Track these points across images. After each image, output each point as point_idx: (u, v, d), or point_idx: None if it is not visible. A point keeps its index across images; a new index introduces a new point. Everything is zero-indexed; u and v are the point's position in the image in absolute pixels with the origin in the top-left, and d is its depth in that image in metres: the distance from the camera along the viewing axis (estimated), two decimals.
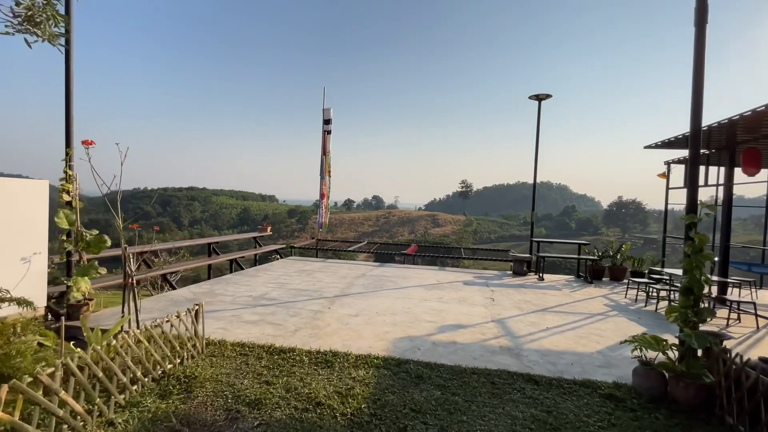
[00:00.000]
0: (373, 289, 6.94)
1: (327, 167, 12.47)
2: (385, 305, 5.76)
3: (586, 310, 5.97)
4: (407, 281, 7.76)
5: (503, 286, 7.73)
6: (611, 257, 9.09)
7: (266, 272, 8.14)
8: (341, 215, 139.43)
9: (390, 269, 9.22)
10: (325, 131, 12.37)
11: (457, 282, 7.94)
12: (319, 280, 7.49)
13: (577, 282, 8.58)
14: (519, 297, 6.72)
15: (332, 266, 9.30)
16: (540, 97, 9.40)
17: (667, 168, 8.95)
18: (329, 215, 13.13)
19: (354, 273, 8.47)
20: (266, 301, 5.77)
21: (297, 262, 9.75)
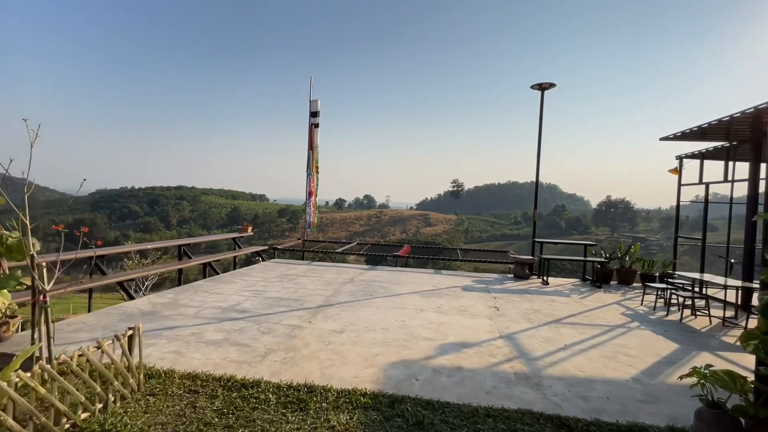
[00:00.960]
0: (363, 296, 6.15)
1: (314, 163, 11.66)
2: (375, 318, 4.98)
3: (603, 321, 5.27)
4: (401, 287, 6.99)
5: (506, 291, 7.01)
6: (619, 259, 8.44)
7: (243, 278, 7.30)
8: (332, 214, 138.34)
9: (381, 272, 8.45)
10: (312, 124, 11.56)
11: (455, 287, 7.20)
12: (301, 287, 6.68)
13: (585, 286, 7.91)
14: (526, 305, 5.99)
15: (318, 270, 8.50)
16: (543, 87, 8.71)
17: (679, 163, 8.32)
18: (318, 214, 12.34)
19: (342, 278, 7.68)
20: (237, 313, 4.95)
21: (280, 265, 8.92)
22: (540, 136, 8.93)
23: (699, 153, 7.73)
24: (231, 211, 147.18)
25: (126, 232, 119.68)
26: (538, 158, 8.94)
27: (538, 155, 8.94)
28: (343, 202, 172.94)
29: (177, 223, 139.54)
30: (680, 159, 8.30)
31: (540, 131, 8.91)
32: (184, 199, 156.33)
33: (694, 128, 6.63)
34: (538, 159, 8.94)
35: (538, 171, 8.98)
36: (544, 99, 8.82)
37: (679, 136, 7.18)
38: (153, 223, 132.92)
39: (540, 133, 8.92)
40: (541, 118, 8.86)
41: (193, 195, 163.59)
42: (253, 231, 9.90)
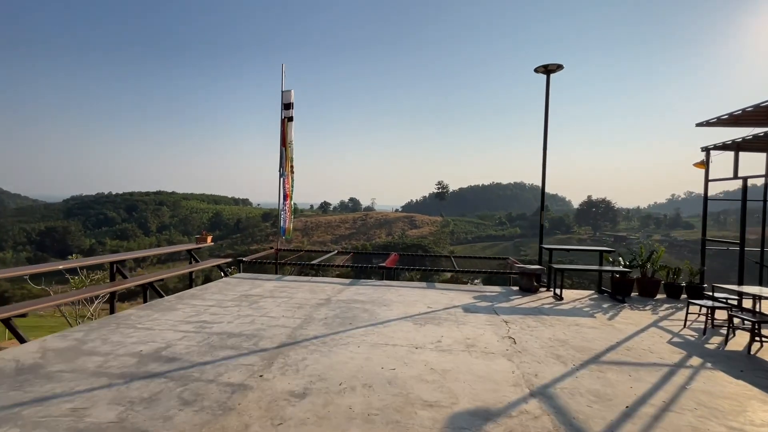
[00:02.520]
0: (339, 327, 4.77)
1: (288, 162, 10.24)
2: (354, 364, 3.61)
3: (655, 357, 4.03)
4: (388, 309, 5.65)
5: (517, 312, 5.74)
6: (640, 267, 7.30)
7: (191, 302, 5.83)
8: (317, 218, 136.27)
9: (365, 288, 7.08)
10: (284, 118, 10.15)
11: (454, 307, 5.89)
12: (263, 314, 5.26)
13: (604, 300, 6.72)
14: (547, 333, 4.72)
15: (289, 287, 7.07)
16: (549, 69, 7.52)
17: (706, 155, 7.24)
18: (294, 219, 10.90)
19: (316, 298, 6.28)
20: (159, 364, 3.52)
21: (243, 282, 7.46)
22: (546, 125, 7.73)
23: (733, 143, 6.64)
24: (213, 216, 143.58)
25: (102, 240, 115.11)
26: (545, 151, 7.74)
27: (544, 147, 7.74)
28: (328, 206, 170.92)
29: (156, 229, 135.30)
30: (707, 150, 7.21)
31: (546, 120, 7.71)
32: (164, 205, 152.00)
33: (748, 109, 5.53)
34: (544, 151, 7.73)
35: (545, 166, 7.77)
36: (550, 83, 7.63)
37: (713, 122, 6.07)
38: (131, 229, 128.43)
39: (546, 122, 7.73)
40: (547, 105, 7.67)
41: (173, 200, 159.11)
42: (212, 241, 8.41)
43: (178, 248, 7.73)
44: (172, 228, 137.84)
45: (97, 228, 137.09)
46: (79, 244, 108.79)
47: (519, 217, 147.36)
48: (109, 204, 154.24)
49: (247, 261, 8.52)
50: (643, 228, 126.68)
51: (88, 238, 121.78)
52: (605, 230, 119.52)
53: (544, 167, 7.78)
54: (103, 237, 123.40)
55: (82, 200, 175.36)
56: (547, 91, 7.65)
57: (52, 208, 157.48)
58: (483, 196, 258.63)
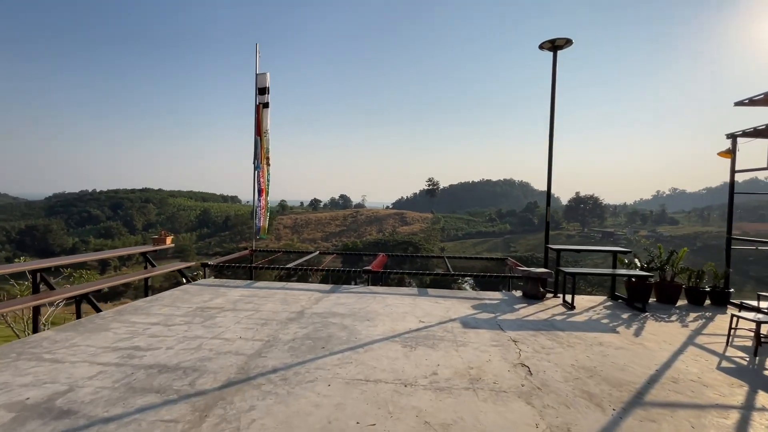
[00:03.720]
0: (309, 353, 3.79)
1: (264, 153, 9.19)
2: (319, 418, 2.63)
3: (713, 393, 3.13)
4: (371, 326, 4.67)
5: (525, 326, 4.82)
6: (659, 269, 6.45)
7: (129, 319, 4.78)
8: (307, 215, 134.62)
9: (346, 296, 6.10)
10: (259, 104, 9.10)
11: (451, 321, 4.95)
12: (216, 334, 4.24)
13: (620, 308, 5.86)
14: (568, 356, 3.81)
15: (258, 296, 6.06)
16: (556, 44, 6.60)
17: (732, 143, 6.40)
18: (269, 217, 9.85)
19: (287, 310, 5.28)
20: (42, 423, 2.49)
21: (205, 290, 6.42)
22: (552, 110, 6.81)
23: (767, 128, 5.79)
24: (201, 213, 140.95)
25: (86, 238, 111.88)
26: (551, 139, 6.82)
27: (551, 135, 6.82)
28: (318, 203, 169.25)
29: (143, 227, 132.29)
30: (734, 138, 6.37)
31: (552, 104, 6.79)
32: (150, 202, 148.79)
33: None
34: (550, 140, 6.82)
35: (551, 156, 6.85)
36: (557, 60, 6.71)
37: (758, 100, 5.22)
38: (115, 228, 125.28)
39: (552, 106, 6.81)
40: (554, 87, 6.75)
41: (160, 198, 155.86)
42: (172, 242, 7.33)
43: (130, 251, 6.64)
44: (158, 226, 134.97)
45: (80, 226, 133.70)
46: (61, 243, 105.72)
47: (509, 213, 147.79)
48: (93, 202, 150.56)
49: (213, 265, 7.46)
50: (630, 224, 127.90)
51: (71, 236, 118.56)
52: (593, 226, 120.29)
53: (550, 158, 6.86)
54: (87, 235, 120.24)
55: (64, 198, 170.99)
56: (554, 71, 6.73)
57: (33, 206, 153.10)
58: (473, 192, 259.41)
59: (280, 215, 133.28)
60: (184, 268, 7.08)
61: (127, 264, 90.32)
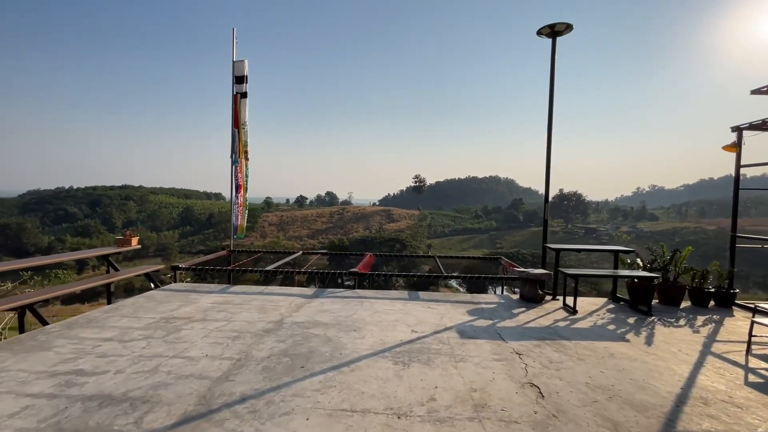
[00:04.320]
0: (285, 374, 3.26)
1: (242, 146, 8.57)
2: None
3: (753, 418, 2.73)
4: (358, 338, 4.16)
5: (527, 334, 4.38)
6: (662, 269, 6.11)
7: (79, 334, 4.15)
8: (293, 212, 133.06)
9: (331, 302, 5.58)
10: (236, 94, 8.46)
11: (446, 330, 4.48)
12: (179, 352, 3.67)
13: (624, 312, 5.49)
14: (580, 372, 3.38)
15: (233, 302, 5.47)
16: (555, 30, 6.16)
17: (738, 136, 6.10)
18: (248, 215, 9.23)
19: (264, 320, 4.72)
20: None
21: (174, 296, 5.80)
22: (551, 96, 6.39)
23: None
24: (183, 211, 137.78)
25: (62, 237, 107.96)
26: (549, 127, 6.40)
27: (549, 123, 6.40)
28: (304, 200, 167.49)
29: (122, 225, 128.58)
30: (739, 130, 6.07)
31: (551, 90, 6.37)
32: (130, 200, 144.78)
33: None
34: (549, 128, 6.40)
35: (549, 143, 6.44)
36: (556, 47, 6.29)
37: None
38: (93, 226, 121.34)
39: (551, 93, 6.39)
40: (552, 73, 6.32)
41: (140, 195, 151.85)
42: (138, 243, 6.67)
43: (88, 254, 5.95)
44: (139, 224, 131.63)
45: (56, 224, 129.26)
46: (36, 242, 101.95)
47: (494, 210, 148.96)
48: (70, 199, 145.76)
49: (186, 268, 6.82)
50: (612, 220, 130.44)
51: (47, 235, 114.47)
52: (576, 222, 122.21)
53: (548, 151, 6.45)
54: (64, 234, 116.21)
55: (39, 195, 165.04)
56: (552, 58, 6.30)
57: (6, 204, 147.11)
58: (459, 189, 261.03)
59: (266, 212, 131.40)
60: (152, 271, 6.43)
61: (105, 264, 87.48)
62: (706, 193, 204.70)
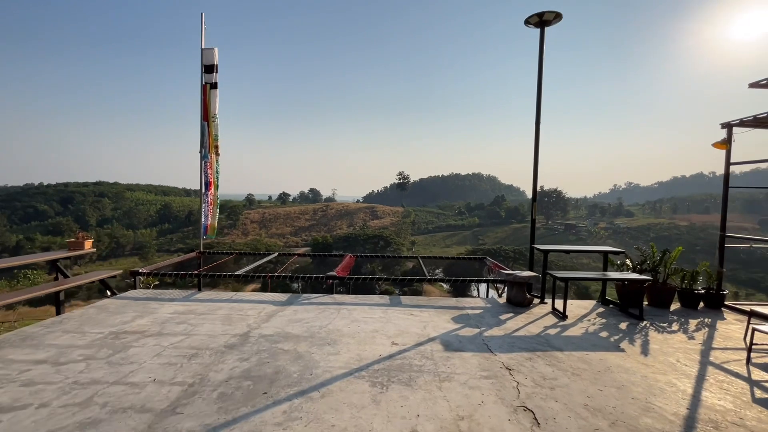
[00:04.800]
0: (244, 404, 2.82)
1: (211, 140, 8.00)
2: None
3: None
4: (333, 353, 3.74)
5: (516, 345, 4.04)
6: (652, 270, 5.90)
7: (9, 354, 3.59)
8: (276, 209, 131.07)
9: (306, 309, 5.13)
10: (205, 84, 7.88)
11: (430, 341, 4.10)
12: (122, 376, 3.18)
13: (614, 315, 5.23)
14: (577, 391, 3.05)
15: (196, 312, 4.97)
16: (544, 19, 5.84)
17: (728, 133, 5.91)
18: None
19: (229, 332, 4.25)
20: None
21: (131, 305, 5.24)
22: (539, 88, 6.07)
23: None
24: (161, 208, 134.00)
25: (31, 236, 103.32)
26: (537, 121, 6.09)
27: (537, 116, 6.09)
28: (287, 196, 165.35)
29: (97, 223, 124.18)
30: (729, 127, 5.88)
31: (540, 82, 6.05)
32: (105, 196, 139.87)
33: None
34: (537, 122, 6.09)
35: (537, 137, 6.13)
36: (544, 37, 5.96)
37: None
38: (65, 224, 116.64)
39: (539, 84, 6.07)
40: (540, 64, 6.00)
41: (116, 191, 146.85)
42: (92, 246, 6.05)
43: (33, 259, 5.32)
44: (114, 221, 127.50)
45: (25, 223, 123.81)
46: (3, 241, 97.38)
47: (477, 207, 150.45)
48: (40, 196, 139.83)
49: (146, 273, 6.24)
50: (591, 216, 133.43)
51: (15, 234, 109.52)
52: (557, 219, 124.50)
53: (536, 145, 6.13)
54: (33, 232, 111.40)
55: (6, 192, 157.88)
56: (541, 49, 5.98)
57: None
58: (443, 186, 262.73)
59: (248, 210, 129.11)
60: (107, 277, 5.83)
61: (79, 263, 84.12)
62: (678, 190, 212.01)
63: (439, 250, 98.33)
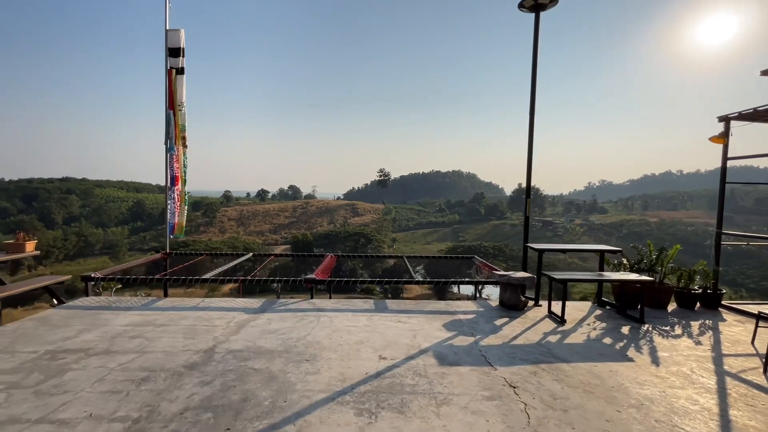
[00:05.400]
0: None
1: (178, 131, 7.32)
2: None
3: None
4: (312, 371, 3.24)
5: (517, 356, 3.64)
6: (648, 270, 5.64)
7: None
8: (254, 206, 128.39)
9: (280, 319, 4.60)
10: (171, 69, 7.17)
11: (422, 353, 3.65)
12: (50, 411, 2.58)
13: (614, 319, 4.93)
14: (591, 410, 2.65)
15: (154, 323, 4.35)
16: (539, 3, 5.45)
17: (725, 126, 5.70)
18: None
19: (189, 349, 3.68)
20: None
21: (79, 316, 4.57)
22: (534, 76, 5.70)
23: None
24: (133, 205, 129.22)
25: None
26: (531, 112, 5.72)
27: (532, 106, 5.72)
28: (266, 193, 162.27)
29: (63, 221, 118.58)
30: (727, 120, 5.67)
31: (534, 70, 5.68)
32: (72, 193, 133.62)
33: None
34: (531, 112, 5.72)
35: (531, 130, 5.76)
36: (539, 22, 5.59)
37: None
38: (29, 222, 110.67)
39: (534, 72, 5.69)
40: (535, 51, 5.62)
41: (84, 188, 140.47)
42: (36, 249, 5.32)
43: None
44: (83, 219, 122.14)
45: None
46: None
47: (457, 204, 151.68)
48: (1, 192, 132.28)
49: (100, 278, 5.54)
50: (567, 213, 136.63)
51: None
52: (534, 216, 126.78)
53: (530, 136, 5.77)
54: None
55: None
56: (535, 34, 5.59)
57: None
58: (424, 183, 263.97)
59: (225, 207, 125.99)
60: (53, 283, 5.11)
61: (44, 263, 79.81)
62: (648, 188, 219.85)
63: (419, 247, 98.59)
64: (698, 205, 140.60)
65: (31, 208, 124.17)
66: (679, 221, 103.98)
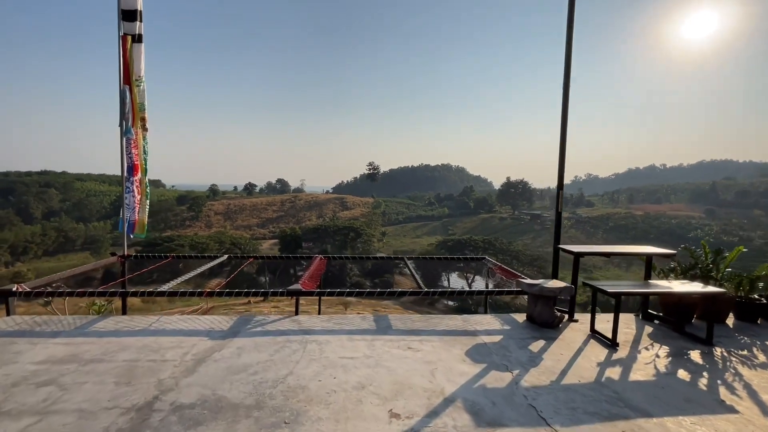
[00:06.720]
0: None
1: (135, 110, 6.06)
2: None
3: None
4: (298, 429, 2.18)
5: (577, 407, 2.63)
6: (704, 276, 4.70)
7: None
8: (242, 200, 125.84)
9: (254, 348, 3.51)
10: (125, 35, 5.90)
11: (448, 405, 2.61)
12: None
13: (672, 339, 3.97)
14: None
15: (83, 357, 3.23)
16: None
17: None
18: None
19: (118, 404, 2.57)
20: None
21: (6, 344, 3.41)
22: (569, 54, 4.65)
23: None
24: (116, 199, 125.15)
25: None
26: (566, 96, 4.68)
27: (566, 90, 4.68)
28: (253, 187, 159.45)
29: (42, 215, 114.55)
30: None
31: (569, 48, 4.63)
32: (52, 187, 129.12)
33: None
34: (565, 96, 4.68)
35: (565, 116, 4.73)
36: None
37: None
38: (6, 217, 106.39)
39: (569, 50, 4.65)
40: (571, 21, 4.57)
41: (64, 182, 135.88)
42: None
43: None
44: (63, 214, 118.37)
45: None
46: None
47: (447, 197, 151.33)
48: None
49: (26, 293, 4.35)
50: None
51: None
52: (523, 209, 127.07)
53: (564, 125, 4.73)
54: None
55: None
56: (571, 7, 4.54)
57: None
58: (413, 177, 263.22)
59: (211, 201, 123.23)
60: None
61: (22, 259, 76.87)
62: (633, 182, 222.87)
63: (409, 240, 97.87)
64: (681, 198, 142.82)
65: (8, 202, 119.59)
66: (663, 214, 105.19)
